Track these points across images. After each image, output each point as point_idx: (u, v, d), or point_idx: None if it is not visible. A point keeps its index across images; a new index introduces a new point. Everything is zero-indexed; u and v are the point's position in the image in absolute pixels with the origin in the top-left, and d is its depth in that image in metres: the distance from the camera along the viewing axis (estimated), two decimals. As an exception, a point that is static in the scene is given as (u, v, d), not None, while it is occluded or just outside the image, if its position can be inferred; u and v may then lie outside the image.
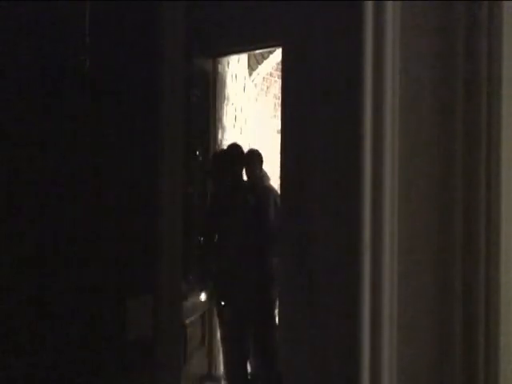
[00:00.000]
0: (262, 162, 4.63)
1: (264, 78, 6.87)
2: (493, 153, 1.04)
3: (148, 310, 1.98)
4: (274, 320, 4.20)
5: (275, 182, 5.12)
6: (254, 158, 4.62)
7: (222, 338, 4.40)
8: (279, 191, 4.27)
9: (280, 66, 4.84)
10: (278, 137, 5.46)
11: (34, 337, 1.75)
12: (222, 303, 4.26)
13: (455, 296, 1.08)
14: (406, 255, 1.09)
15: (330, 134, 4.17)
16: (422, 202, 1.09)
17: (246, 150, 4.72)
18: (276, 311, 4.19)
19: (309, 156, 4.59)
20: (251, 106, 6.06)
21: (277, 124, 5.38)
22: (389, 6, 1.08)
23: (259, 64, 6.30)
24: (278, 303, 4.12)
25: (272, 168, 4.88)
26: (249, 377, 4.32)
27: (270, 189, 4.53)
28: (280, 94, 4.69)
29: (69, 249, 1.81)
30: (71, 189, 1.82)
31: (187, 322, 4.18)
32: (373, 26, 1.09)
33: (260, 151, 4.70)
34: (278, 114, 4.85)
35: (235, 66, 5.54)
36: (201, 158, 4.87)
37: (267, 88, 7.15)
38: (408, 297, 1.09)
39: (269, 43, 4.72)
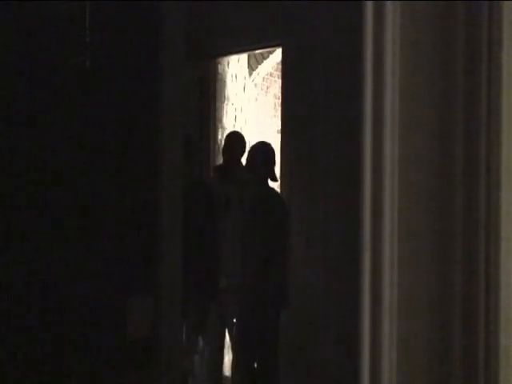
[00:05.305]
0: (263, 158, 3.87)
1: (264, 78, 6.87)
2: (493, 151, 1.04)
3: (148, 309, 1.98)
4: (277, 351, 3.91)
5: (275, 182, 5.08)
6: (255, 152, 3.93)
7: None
8: (279, 190, 4.24)
9: (280, 66, 4.83)
10: (278, 137, 5.42)
11: (35, 336, 1.75)
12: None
13: (455, 296, 1.08)
14: (405, 255, 1.09)
15: (330, 133, 4.19)
16: (422, 202, 1.09)
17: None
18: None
19: (309, 156, 4.59)
20: (251, 106, 6.06)
21: (277, 124, 5.38)
22: (389, 5, 1.08)
23: (259, 64, 6.31)
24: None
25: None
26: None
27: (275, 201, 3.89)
28: (280, 94, 4.69)
29: (69, 249, 1.81)
30: (71, 188, 1.82)
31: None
32: (373, 25, 1.09)
33: (267, 147, 3.94)
34: (278, 113, 4.84)
35: (235, 66, 5.54)
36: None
37: (267, 88, 7.15)
38: (408, 297, 1.09)
39: (269, 43, 4.72)
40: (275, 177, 3.96)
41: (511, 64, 1.04)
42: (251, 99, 6.15)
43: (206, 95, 5.09)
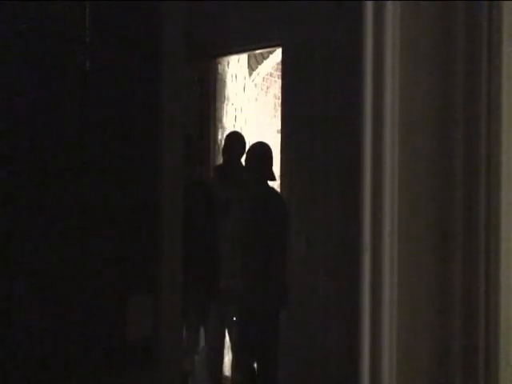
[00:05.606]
0: (260, 160, 3.98)
1: (264, 78, 6.87)
2: (493, 151, 1.04)
3: (148, 309, 1.98)
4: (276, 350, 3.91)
5: (275, 182, 5.08)
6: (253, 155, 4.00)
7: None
8: (279, 190, 4.24)
9: (280, 66, 4.83)
10: (278, 137, 5.45)
11: (35, 336, 1.75)
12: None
13: (455, 296, 1.08)
14: (405, 255, 1.09)
15: (330, 133, 4.20)
16: (422, 202, 1.09)
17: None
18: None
19: (309, 156, 4.60)
20: (251, 106, 6.06)
21: (277, 124, 5.38)
22: (389, 5, 1.08)
23: (259, 64, 6.31)
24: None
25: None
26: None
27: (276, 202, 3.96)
28: (280, 94, 4.69)
29: (69, 249, 1.81)
30: (71, 188, 1.82)
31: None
32: (373, 25, 1.09)
33: (264, 148, 4.05)
34: (278, 114, 4.84)
35: (235, 66, 5.54)
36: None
37: (267, 88, 7.15)
38: (408, 297, 1.09)
39: (269, 43, 4.72)
40: (273, 176, 3.98)
41: (511, 64, 1.04)
42: (251, 99, 6.15)
43: (206, 95, 5.09)
